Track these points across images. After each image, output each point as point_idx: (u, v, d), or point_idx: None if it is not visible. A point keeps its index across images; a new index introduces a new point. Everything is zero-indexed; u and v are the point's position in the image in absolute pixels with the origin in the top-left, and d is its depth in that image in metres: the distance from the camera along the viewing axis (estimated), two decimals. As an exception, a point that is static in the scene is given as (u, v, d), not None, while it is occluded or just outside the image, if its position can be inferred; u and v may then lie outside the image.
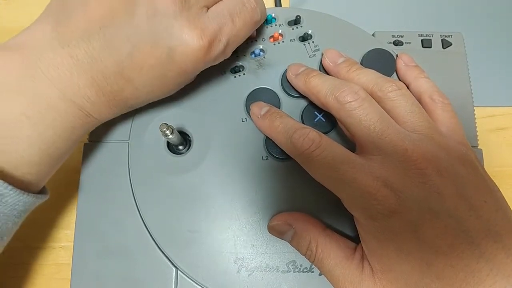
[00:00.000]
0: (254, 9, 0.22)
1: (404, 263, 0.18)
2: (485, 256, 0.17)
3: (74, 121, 0.20)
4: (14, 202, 0.19)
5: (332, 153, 0.20)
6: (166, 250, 0.23)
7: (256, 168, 0.24)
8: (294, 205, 0.23)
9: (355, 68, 0.23)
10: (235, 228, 0.23)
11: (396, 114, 0.21)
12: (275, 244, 0.23)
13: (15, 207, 0.19)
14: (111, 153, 0.25)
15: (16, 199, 0.19)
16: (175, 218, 0.23)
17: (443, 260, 0.17)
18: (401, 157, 0.19)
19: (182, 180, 0.24)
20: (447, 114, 0.23)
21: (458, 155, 0.20)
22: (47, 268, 0.27)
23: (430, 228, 0.18)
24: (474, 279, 0.17)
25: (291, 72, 0.25)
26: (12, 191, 0.18)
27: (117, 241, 0.24)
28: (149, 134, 0.25)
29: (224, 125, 0.25)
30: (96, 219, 0.24)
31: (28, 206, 0.20)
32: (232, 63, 0.26)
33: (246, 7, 0.22)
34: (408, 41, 0.27)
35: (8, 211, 0.19)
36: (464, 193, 0.19)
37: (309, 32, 0.27)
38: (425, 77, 0.24)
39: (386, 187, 0.18)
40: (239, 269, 0.23)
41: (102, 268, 0.23)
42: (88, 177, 0.25)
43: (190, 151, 0.24)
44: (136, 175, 0.24)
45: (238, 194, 0.24)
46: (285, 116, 0.23)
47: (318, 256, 0.21)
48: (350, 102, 0.20)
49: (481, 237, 0.18)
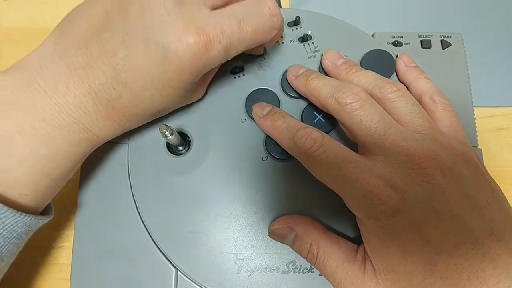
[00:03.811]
0: (273, 15, 0.20)
1: (407, 263, 0.18)
2: (489, 256, 0.17)
3: (70, 136, 0.19)
4: (12, 224, 0.18)
5: (334, 152, 0.20)
6: (166, 251, 0.23)
7: (256, 168, 0.24)
8: (294, 205, 0.23)
9: (354, 69, 0.24)
10: (235, 228, 0.23)
11: (397, 115, 0.21)
12: (275, 245, 0.23)
13: (14, 228, 0.19)
14: (111, 154, 0.25)
15: (13, 220, 0.18)
16: (175, 219, 0.23)
17: (447, 259, 0.17)
18: (404, 157, 0.19)
19: (182, 181, 0.24)
20: (448, 114, 0.23)
21: (460, 154, 0.20)
22: (47, 268, 0.27)
23: (434, 227, 0.18)
24: (478, 278, 0.17)
25: (291, 73, 0.25)
26: (8, 212, 0.18)
27: (117, 242, 0.24)
28: (148, 135, 0.25)
29: (223, 126, 0.25)
30: (96, 220, 0.24)
31: (28, 227, 0.20)
32: (231, 64, 0.26)
33: (264, 12, 0.20)
34: (408, 41, 0.27)
35: (7, 233, 0.19)
36: (467, 192, 0.19)
37: (308, 33, 0.27)
38: (425, 78, 0.24)
39: (389, 186, 0.18)
40: (239, 270, 0.23)
41: (102, 269, 0.23)
42: (88, 178, 0.25)
43: (189, 152, 0.24)
44: (135, 176, 0.24)
45: (238, 195, 0.24)
46: (288, 116, 0.23)
47: (320, 258, 0.21)
48: (350, 104, 0.20)
49: (485, 236, 0.18)
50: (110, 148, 0.25)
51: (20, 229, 0.19)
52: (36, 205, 0.20)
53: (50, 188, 0.21)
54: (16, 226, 0.19)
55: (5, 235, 0.19)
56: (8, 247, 0.19)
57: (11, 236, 0.19)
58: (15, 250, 0.20)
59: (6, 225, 0.18)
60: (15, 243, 0.20)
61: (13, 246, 0.20)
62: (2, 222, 0.18)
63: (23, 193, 0.19)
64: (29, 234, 0.21)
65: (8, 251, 0.19)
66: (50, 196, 0.21)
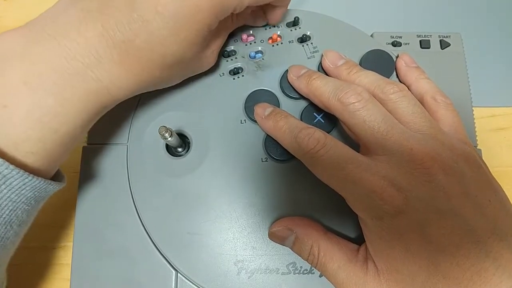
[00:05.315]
0: None
1: (410, 263, 0.18)
2: (491, 255, 0.17)
3: (79, 86, 0.19)
4: (20, 186, 0.18)
5: (337, 152, 0.20)
6: (165, 252, 0.23)
7: (256, 170, 0.24)
8: (293, 206, 0.23)
9: (355, 70, 0.23)
10: (234, 230, 0.23)
11: (399, 115, 0.21)
12: (275, 246, 0.23)
13: (22, 191, 0.18)
14: (110, 156, 0.25)
15: (21, 182, 0.18)
16: (175, 221, 0.23)
17: (450, 259, 0.17)
18: (407, 157, 0.19)
19: (181, 182, 0.24)
20: (450, 113, 0.23)
21: (462, 153, 0.20)
22: (47, 268, 0.27)
23: (436, 227, 0.18)
24: (481, 278, 0.17)
25: (292, 74, 0.25)
26: (15, 171, 0.17)
27: (117, 243, 0.24)
28: (148, 137, 0.25)
29: (223, 127, 0.25)
30: (96, 221, 0.24)
31: (38, 192, 0.19)
32: (230, 65, 0.26)
33: None
34: (407, 42, 0.27)
35: (15, 196, 0.18)
36: (469, 191, 0.19)
37: (307, 33, 0.27)
38: (426, 78, 0.24)
39: (392, 186, 0.18)
40: (239, 271, 0.23)
41: (102, 270, 0.23)
42: (87, 179, 0.25)
43: (189, 153, 0.24)
44: (135, 178, 0.24)
45: (237, 196, 0.24)
46: (290, 116, 0.23)
47: (321, 260, 0.21)
48: (353, 103, 0.20)
49: (487, 236, 0.18)
50: (110, 149, 0.25)
51: (28, 193, 0.18)
52: (45, 168, 0.19)
53: (58, 147, 0.19)
54: (24, 189, 0.18)
55: (13, 198, 0.18)
56: (17, 213, 0.18)
57: (19, 200, 0.18)
58: (25, 218, 0.19)
59: (13, 187, 0.17)
60: (24, 209, 0.19)
61: (22, 212, 0.19)
62: (9, 183, 0.17)
63: (29, 151, 0.18)
64: (38, 201, 0.20)
65: (17, 217, 0.19)
66: (58, 158, 0.20)
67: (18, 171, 0.17)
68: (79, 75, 0.18)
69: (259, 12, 0.26)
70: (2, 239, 0.19)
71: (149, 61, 0.20)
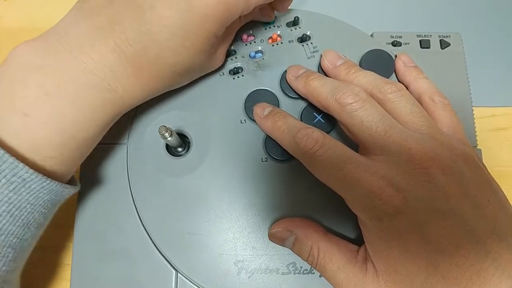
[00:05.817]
0: None
1: (409, 264, 0.18)
2: (491, 256, 0.17)
3: (95, 96, 0.20)
4: (38, 189, 0.19)
5: (336, 152, 0.20)
6: (165, 252, 0.23)
7: (256, 169, 0.24)
8: (293, 206, 0.23)
9: (354, 70, 0.23)
10: (234, 230, 0.23)
11: (397, 115, 0.21)
12: (275, 246, 0.23)
13: (40, 194, 0.19)
14: (110, 156, 0.25)
15: (39, 186, 0.18)
16: (175, 221, 0.23)
17: (449, 260, 0.17)
18: (405, 156, 0.19)
19: (181, 182, 0.24)
20: (448, 114, 0.23)
21: (461, 153, 0.20)
22: (47, 268, 0.27)
23: (435, 227, 0.18)
24: (480, 278, 0.17)
25: (290, 74, 0.25)
26: (34, 175, 0.18)
27: (117, 243, 0.24)
28: (148, 136, 0.25)
29: (223, 127, 0.25)
30: (96, 221, 0.24)
31: (54, 195, 0.20)
32: (230, 65, 0.26)
33: None
34: (407, 41, 0.27)
35: (33, 199, 0.19)
36: (468, 191, 0.18)
37: (307, 33, 0.27)
38: (424, 78, 0.24)
39: (391, 186, 0.18)
40: (239, 271, 0.23)
41: (102, 270, 0.23)
42: (88, 179, 0.25)
43: (189, 153, 0.24)
44: (135, 177, 0.24)
45: (237, 196, 0.24)
46: (289, 116, 0.23)
47: (320, 261, 0.21)
48: (351, 104, 0.20)
49: (487, 236, 0.18)
50: (110, 149, 0.25)
51: (46, 197, 0.19)
52: (62, 172, 0.20)
53: (76, 152, 0.20)
54: (42, 192, 0.19)
55: (31, 201, 0.19)
56: (35, 215, 0.19)
57: (37, 203, 0.19)
58: (42, 221, 0.20)
59: (32, 190, 0.18)
60: (41, 211, 0.20)
61: (39, 215, 0.20)
62: (28, 186, 0.18)
63: (48, 156, 0.19)
64: (55, 205, 0.20)
65: (35, 219, 0.19)
66: (75, 162, 0.21)
67: (37, 175, 0.18)
68: (95, 86, 0.19)
69: (267, 7, 0.26)
70: (20, 241, 0.19)
71: (160, 71, 0.21)
